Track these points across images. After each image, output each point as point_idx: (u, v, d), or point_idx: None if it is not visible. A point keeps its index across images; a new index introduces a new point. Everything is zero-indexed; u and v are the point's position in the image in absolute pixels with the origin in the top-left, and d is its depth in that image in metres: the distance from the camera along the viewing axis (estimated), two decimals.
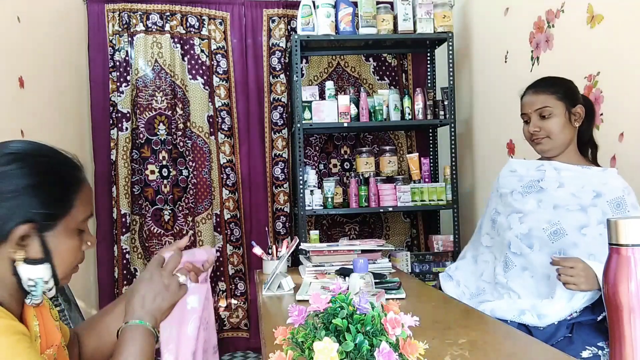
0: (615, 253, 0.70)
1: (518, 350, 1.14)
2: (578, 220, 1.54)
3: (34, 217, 0.83)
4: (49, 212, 0.85)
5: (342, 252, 2.03)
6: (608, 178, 1.58)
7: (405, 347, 0.78)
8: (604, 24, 1.98)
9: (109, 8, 3.22)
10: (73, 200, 0.88)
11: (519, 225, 1.63)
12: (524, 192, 1.67)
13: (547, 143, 1.64)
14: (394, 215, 3.50)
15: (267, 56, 3.38)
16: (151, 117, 3.28)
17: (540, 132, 1.63)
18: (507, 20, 2.67)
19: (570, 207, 1.56)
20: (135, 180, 3.27)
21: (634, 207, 1.53)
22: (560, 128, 1.61)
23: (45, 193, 0.85)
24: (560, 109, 1.61)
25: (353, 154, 3.46)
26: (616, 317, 0.69)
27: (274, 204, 3.40)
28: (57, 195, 0.86)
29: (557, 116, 1.61)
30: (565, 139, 1.63)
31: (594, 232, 1.52)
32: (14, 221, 0.82)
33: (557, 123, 1.61)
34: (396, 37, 3.03)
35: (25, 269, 0.84)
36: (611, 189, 1.55)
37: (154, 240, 3.30)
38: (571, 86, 1.68)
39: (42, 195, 0.84)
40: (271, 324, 1.32)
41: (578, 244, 1.52)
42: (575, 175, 1.60)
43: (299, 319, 0.82)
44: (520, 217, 1.64)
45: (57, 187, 0.86)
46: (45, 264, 0.85)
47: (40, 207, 0.84)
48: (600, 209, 1.53)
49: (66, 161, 0.91)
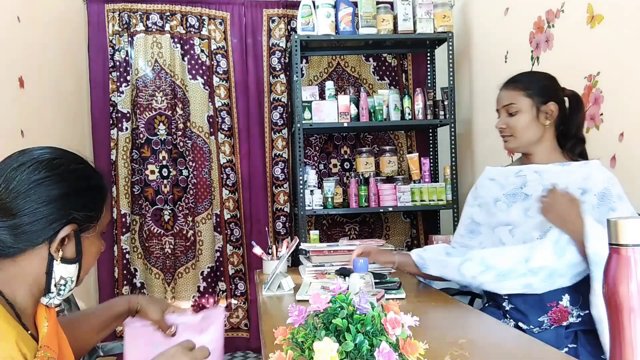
0: (615, 253, 0.70)
1: (518, 350, 1.14)
2: None
3: (77, 219, 0.89)
4: (90, 214, 0.92)
5: (342, 252, 2.02)
6: (590, 171, 1.53)
7: (405, 347, 0.78)
8: (604, 24, 1.98)
9: (109, 8, 3.22)
10: (104, 207, 0.96)
11: (510, 238, 1.59)
12: (509, 201, 1.62)
13: (511, 141, 1.61)
14: (394, 215, 3.50)
15: (267, 56, 3.38)
16: (151, 117, 3.29)
17: (507, 130, 1.61)
18: (507, 20, 2.67)
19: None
20: (135, 180, 3.27)
21: (619, 198, 1.49)
22: (525, 126, 1.58)
23: (86, 198, 0.92)
24: (527, 106, 1.58)
25: (353, 154, 3.46)
26: (616, 317, 0.69)
27: (274, 204, 3.40)
28: (95, 201, 0.94)
29: (523, 114, 1.58)
30: (531, 138, 1.59)
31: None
32: (61, 221, 0.88)
33: (522, 121, 1.58)
34: (396, 37, 3.03)
35: (59, 268, 0.89)
36: (595, 182, 1.50)
37: (154, 240, 3.30)
38: (545, 83, 1.63)
39: (84, 200, 0.91)
40: (271, 324, 1.32)
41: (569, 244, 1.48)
42: (557, 175, 1.55)
43: (299, 319, 0.82)
44: (510, 230, 1.60)
45: (95, 193, 0.94)
46: (76, 264, 0.91)
47: (82, 210, 0.90)
48: (589, 204, 1.49)
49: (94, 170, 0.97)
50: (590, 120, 2.06)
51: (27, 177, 0.85)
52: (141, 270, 3.29)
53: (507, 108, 1.61)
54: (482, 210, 1.70)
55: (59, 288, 0.90)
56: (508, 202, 1.62)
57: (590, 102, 2.05)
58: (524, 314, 1.53)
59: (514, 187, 1.62)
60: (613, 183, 1.51)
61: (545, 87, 1.62)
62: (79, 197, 0.90)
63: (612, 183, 1.51)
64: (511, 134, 1.61)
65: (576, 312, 1.48)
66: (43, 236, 0.86)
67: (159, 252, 3.30)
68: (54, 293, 0.91)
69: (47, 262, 0.88)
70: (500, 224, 1.62)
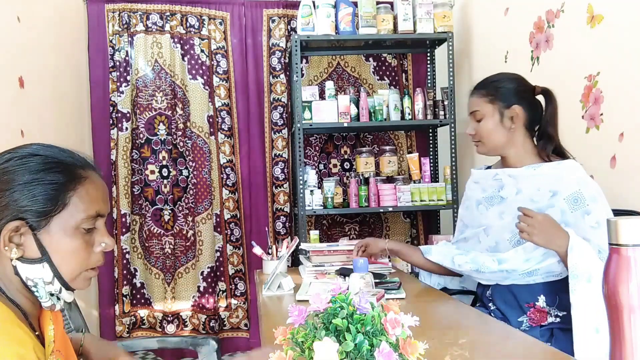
0: (615, 253, 0.70)
1: (518, 350, 1.14)
2: None
3: (24, 215, 0.83)
4: (38, 209, 0.83)
5: (342, 252, 2.03)
6: (563, 173, 1.52)
7: (405, 347, 0.78)
8: (604, 24, 1.98)
9: (109, 8, 3.22)
10: (67, 199, 0.86)
11: (485, 238, 1.64)
12: (488, 204, 1.66)
13: (480, 146, 1.65)
14: (394, 215, 3.50)
15: (267, 56, 3.38)
16: (151, 117, 3.28)
17: (475, 136, 1.64)
18: (507, 20, 2.67)
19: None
20: (135, 180, 3.27)
21: (593, 200, 1.47)
22: (490, 131, 1.60)
23: (35, 191, 0.84)
24: (490, 112, 1.59)
25: (353, 154, 3.46)
26: (616, 317, 0.69)
27: (274, 204, 3.40)
28: (48, 193, 0.84)
29: (487, 119, 1.60)
30: (498, 142, 1.60)
31: None
32: (5, 217, 0.82)
33: (486, 126, 1.60)
34: (396, 37, 3.03)
35: (23, 268, 0.84)
36: (566, 184, 1.50)
37: (154, 240, 3.30)
38: (510, 86, 1.61)
39: (31, 193, 0.83)
40: (271, 324, 1.32)
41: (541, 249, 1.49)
42: (529, 178, 1.55)
43: (299, 319, 0.82)
44: (485, 230, 1.65)
45: (48, 185, 0.84)
46: (42, 263, 0.84)
47: (29, 205, 0.83)
48: (558, 208, 1.49)
49: (64, 160, 0.88)
50: (590, 120, 2.06)
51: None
52: (141, 270, 3.29)
53: (474, 115, 1.63)
54: (467, 212, 1.75)
55: (32, 290, 0.85)
56: (487, 205, 1.66)
57: (590, 102, 2.05)
58: (504, 314, 1.55)
59: (492, 190, 1.65)
60: (585, 184, 1.49)
61: (510, 90, 1.61)
62: (25, 189, 0.83)
63: (584, 184, 1.49)
64: (479, 139, 1.64)
65: (554, 312, 1.50)
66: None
67: (159, 252, 3.30)
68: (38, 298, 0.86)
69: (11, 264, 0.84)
70: (479, 225, 1.68)
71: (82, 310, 1.96)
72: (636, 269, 0.68)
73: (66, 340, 0.95)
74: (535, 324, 1.52)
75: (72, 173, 0.87)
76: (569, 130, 2.18)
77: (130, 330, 3.27)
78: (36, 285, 0.85)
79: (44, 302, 0.87)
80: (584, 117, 2.09)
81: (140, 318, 3.30)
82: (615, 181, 1.93)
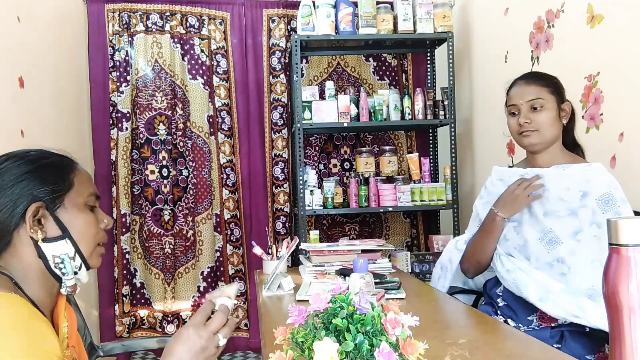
0: (615, 253, 0.70)
1: (518, 350, 1.14)
2: (570, 226, 1.51)
3: (40, 196, 0.91)
4: (51, 188, 0.92)
5: (342, 252, 2.02)
6: (592, 174, 1.52)
7: (405, 347, 0.78)
8: (604, 24, 1.98)
9: (109, 8, 3.22)
10: (72, 179, 0.95)
11: (515, 236, 1.61)
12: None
13: (536, 137, 1.58)
14: (394, 215, 3.50)
15: (267, 56, 3.38)
16: (151, 117, 3.29)
17: (532, 125, 1.57)
18: (507, 20, 2.67)
19: (560, 213, 1.53)
20: (135, 180, 3.27)
21: (624, 202, 1.49)
22: (551, 122, 1.57)
23: (43, 174, 0.93)
24: (552, 103, 1.58)
25: (353, 154, 3.46)
26: (616, 317, 0.69)
27: (274, 204, 3.40)
28: (54, 174, 0.94)
29: (548, 110, 1.57)
30: (553, 135, 1.58)
31: (588, 236, 1.49)
32: (23, 203, 0.90)
33: (548, 117, 1.56)
34: (396, 37, 3.03)
35: (48, 248, 0.91)
36: (596, 185, 1.50)
37: (154, 240, 3.30)
38: (559, 83, 1.64)
39: (40, 176, 0.92)
40: (271, 324, 1.32)
41: (575, 252, 1.50)
42: (558, 177, 1.55)
43: (299, 319, 0.82)
44: (515, 227, 1.61)
45: (52, 168, 0.94)
46: (65, 239, 0.92)
47: (42, 186, 0.91)
48: (590, 208, 1.49)
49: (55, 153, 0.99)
50: (590, 120, 2.06)
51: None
52: (141, 270, 3.30)
53: (532, 103, 1.57)
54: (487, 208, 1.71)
55: (59, 267, 0.92)
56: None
57: (590, 102, 2.05)
58: (514, 312, 1.54)
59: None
60: (615, 187, 1.51)
61: (561, 87, 1.64)
62: (33, 175, 0.92)
63: (614, 187, 1.51)
64: (536, 129, 1.57)
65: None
66: (13, 222, 0.90)
67: (159, 252, 3.30)
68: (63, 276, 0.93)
69: (34, 246, 0.90)
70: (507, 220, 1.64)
71: (82, 310, 1.96)
72: (636, 269, 0.68)
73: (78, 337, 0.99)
74: (545, 323, 1.51)
75: (65, 159, 0.99)
76: None
77: (130, 330, 3.27)
78: (63, 261, 0.92)
79: (68, 281, 0.94)
80: (584, 117, 2.09)
81: (140, 318, 3.30)
82: None
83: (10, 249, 0.90)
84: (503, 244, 1.64)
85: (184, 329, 0.88)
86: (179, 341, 0.87)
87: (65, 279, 0.93)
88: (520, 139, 1.62)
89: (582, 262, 1.49)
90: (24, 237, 0.90)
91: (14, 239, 0.90)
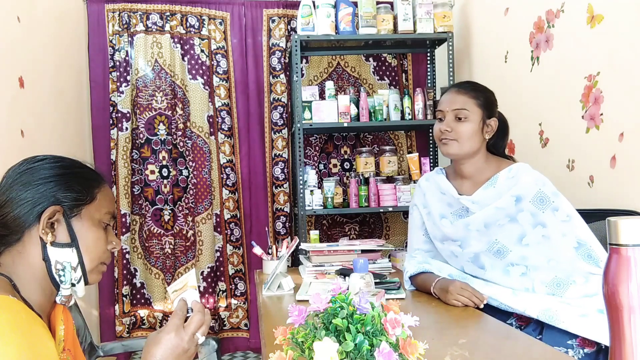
0: (615, 253, 0.70)
1: (518, 350, 1.14)
2: (514, 232, 1.53)
3: (62, 200, 0.92)
4: (75, 196, 0.93)
5: (342, 252, 2.03)
6: (517, 177, 1.56)
7: (405, 347, 0.78)
8: (604, 24, 1.98)
9: (109, 8, 3.22)
10: (95, 193, 0.97)
11: (462, 252, 1.62)
12: (454, 217, 1.65)
13: (454, 146, 1.60)
14: (394, 215, 3.50)
15: (267, 56, 3.38)
16: (151, 117, 3.29)
17: (451, 133, 1.59)
18: (507, 20, 2.67)
19: (501, 222, 1.55)
20: (135, 180, 3.27)
21: (555, 195, 1.52)
22: (470, 135, 1.58)
23: (71, 181, 0.94)
24: (476, 116, 1.59)
25: (353, 154, 3.46)
26: (616, 317, 0.69)
27: (274, 204, 3.40)
28: (81, 184, 0.95)
29: (471, 122, 1.58)
30: (472, 147, 1.60)
31: (534, 239, 1.52)
32: (44, 203, 0.91)
33: (469, 129, 1.58)
34: (396, 37, 3.03)
35: (53, 252, 0.91)
36: (525, 187, 1.53)
37: (154, 240, 3.30)
38: (492, 98, 1.65)
39: (68, 183, 0.94)
40: (271, 324, 1.32)
41: (526, 256, 1.52)
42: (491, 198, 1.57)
43: (299, 319, 0.82)
44: (460, 244, 1.62)
45: (81, 178, 0.96)
46: (72, 248, 0.93)
47: (66, 192, 0.93)
48: (527, 212, 1.52)
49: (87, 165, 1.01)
50: (590, 120, 2.06)
51: (13, 172, 0.93)
52: (141, 270, 3.30)
53: (457, 112, 1.59)
54: (429, 220, 1.72)
55: (59, 274, 0.92)
56: (453, 218, 1.65)
57: (590, 102, 2.05)
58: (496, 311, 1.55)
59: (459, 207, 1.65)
60: (543, 183, 1.54)
61: (492, 102, 1.65)
62: (61, 180, 0.93)
63: (542, 183, 1.54)
64: (455, 138, 1.59)
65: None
66: (30, 219, 0.90)
67: (159, 252, 3.30)
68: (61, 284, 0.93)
69: (42, 248, 0.91)
70: (447, 238, 1.65)
71: (82, 310, 1.96)
72: (636, 269, 0.68)
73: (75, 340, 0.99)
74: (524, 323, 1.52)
75: (96, 175, 1.01)
76: (569, 130, 2.19)
77: (130, 330, 3.27)
78: (64, 269, 0.92)
79: (65, 290, 0.93)
80: (584, 117, 2.09)
81: (140, 318, 3.30)
82: (615, 181, 1.93)
83: (18, 245, 0.91)
84: (454, 260, 1.66)
85: (164, 333, 0.89)
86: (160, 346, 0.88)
87: (62, 287, 0.93)
88: (441, 145, 1.64)
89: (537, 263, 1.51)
90: (35, 236, 0.91)
91: (24, 236, 0.91)
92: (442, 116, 1.63)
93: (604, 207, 1.95)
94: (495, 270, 1.57)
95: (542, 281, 1.52)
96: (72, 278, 0.93)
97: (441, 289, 1.56)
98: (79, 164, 0.99)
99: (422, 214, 1.75)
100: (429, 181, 1.76)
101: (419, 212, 1.76)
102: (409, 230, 1.82)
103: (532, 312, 1.44)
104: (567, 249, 1.49)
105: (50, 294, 0.93)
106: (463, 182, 1.67)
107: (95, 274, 0.97)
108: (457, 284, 1.52)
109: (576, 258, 1.48)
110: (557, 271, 1.50)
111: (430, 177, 1.77)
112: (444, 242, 1.67)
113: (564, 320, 1.39)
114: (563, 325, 1.38)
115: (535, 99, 2.39)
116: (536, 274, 1.52)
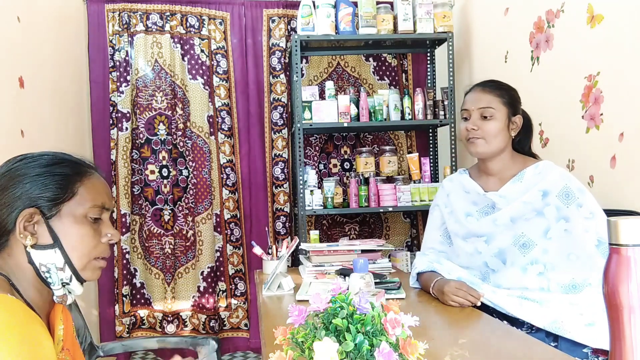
0: (615, 253, 0.70)
1: (518, 350, 1.14)
2: (540, 226, 1.54)
3: (37, 202, 0.89)
4: (50, 195, 0.90)
5: (342, 252, 2.03)
6: (544, 172, 1.58)
7: (405, 347, 0.78)
8: (604, 24, 1.98)
9: (109, 8, 3.22)
10: (76, 188, 0.93)
11: (486, 247, 1.61)
12: (479, 215, 1.65)
13: (481, 145, 1.61)
14: (394, 215, 3.50)
15: (267, 56, 3.38)
16: (151, 117, 3.29)
17: (478, 132, 1.60)
18: (507, 20, 2.67)
19: (528, 216, 1.56)
20: (135, 180, 3.27)
21: (581, 192, 1.54)
22: (497, 133, 1.59)
23: (46, 180, 0.91)
24: (502, 114, 1.60)
25: (353, 154, 3.46)
26: (616, 317, 0.69)
27: (274, 204, 3.40)
28: (58, 182, 0.91)
29: (497, 120, 1.59)
30: (498, 146, 1.61)
31: (557, 233, 1.53)
32: (19, 207, 0.89)
33: (495, 127, 1.59)
34: (396, 37, 3.03)
35: (36, 254, 0.89)
36: (552, 182, 1.55)
37: (154, 240, 3.30)
38: (516, 95, 1.66)
39: (44, 182, 0.90)
40: (271, 324, 1.32)
41: (548, 250, 1.53)
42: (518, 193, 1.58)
43: (299, 319, 0.82)
44: (485, 240, 1.62)
45: (58, 176, 0.92)
46: (54, 249, 0.90)
47: (41, 193, 0.90)
48: (553, 206, 1.53)
49: (69, 158, 0.96)
50: (590, 120, 2.06)
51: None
52: (141, 270, 3.30)
53: (483, 111, 1.60)
54: (451, 218, 1.72)
55: (45, 276, 0.90)
56: (478, 215, 1.66)
57: (590, 102, 2.05)
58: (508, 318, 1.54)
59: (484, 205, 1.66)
60: (568, 178, 1.56)
61: (516, 100, 1.66)
62: (36, 180, 0.90)
63: (568, 179, 1.56)
64: (482, 137, 1.61)
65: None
66: (10, 223, 0.89)
67: (159, 252, 3.30)
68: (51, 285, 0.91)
69: (25, 251, 0.89)
70: (472, 234, 1.65)
71: (82, 310, 1.96)
72: (636, 269, 0.68)
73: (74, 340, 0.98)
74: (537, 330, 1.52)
75: (79, 167, 0.96)
76: (569, 130, 2.19)
77: (130, 330, 3.27)
78: (49, 270, 0.90)
79: (57, 291, 0.92)
80: (584, 117, 2.09)
81: (140, 318, 3.30)
82: (615, 181, 1.93)
83: (7, 249, 0.90)
84: (476, 257, 1.64)
85: None
86: None
87: (52, 288, 0.91)
88: (468, 145, 1.65)
89: (558, 258, 1.52)
90: (19, 240, 0.89)
91: (10, 240, 0.89)
92: (468, 115, 1.63)
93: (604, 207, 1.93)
94: (514, 267, 1.56)
95: (558, 283, 1.51)
96: (61, 278, 0.91)
97: (438, 289, 1.57)
98: (59, 159, 0.94)
99: (444, 214, 1.76)
100: (452, 182, 1.77)
101: (440, 212, 1.78)
102: (427, 230, 1.83)
103: (538, 323, 1.44)
104: (588, 245, 1.50)
105: (46, 294, 0.92)
106: (489, 179, 1.68)
107: (90, 270, 0.94)
108: (451, 284, 1.53)
109: (596, 254, 1.48)
110: (574, 270, 1.50)
111: (454, 178, 1.78)
112: (467, 240, 1.66)
113: (570, 330, 1.38)
114: (569, 335, 1.38)
115: (535, 99, 2.39)
116: (553, 274, 1.52)
